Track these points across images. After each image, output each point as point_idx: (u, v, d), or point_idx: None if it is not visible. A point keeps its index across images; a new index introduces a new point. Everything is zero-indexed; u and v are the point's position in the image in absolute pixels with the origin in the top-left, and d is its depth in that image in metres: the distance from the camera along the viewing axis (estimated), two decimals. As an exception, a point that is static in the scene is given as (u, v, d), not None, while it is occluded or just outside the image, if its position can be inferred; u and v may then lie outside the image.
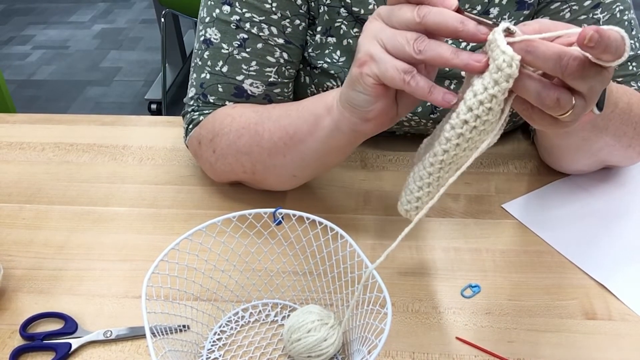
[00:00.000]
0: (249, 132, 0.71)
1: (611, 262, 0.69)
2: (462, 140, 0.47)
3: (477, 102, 0.45)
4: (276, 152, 0.70)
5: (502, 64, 0.43)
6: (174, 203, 0.80)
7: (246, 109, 0.74)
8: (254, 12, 0.73)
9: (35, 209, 0.80)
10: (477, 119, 0.45)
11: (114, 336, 0.62)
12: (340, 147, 0.65)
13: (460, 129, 0.46)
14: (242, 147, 0.72)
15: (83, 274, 0.70)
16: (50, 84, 2.90)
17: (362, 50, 0.53)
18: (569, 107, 0.45)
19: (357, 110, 0.57)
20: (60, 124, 0.98)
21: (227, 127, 0.73)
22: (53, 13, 3.59)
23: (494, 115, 0.45)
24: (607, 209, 0.76)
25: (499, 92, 0.44)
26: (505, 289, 0.66)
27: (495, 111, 0.45)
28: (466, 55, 0.47)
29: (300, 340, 0.57)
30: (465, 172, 0.82)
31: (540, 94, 0.45)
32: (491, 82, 0.44)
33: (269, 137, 0.69)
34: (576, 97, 0.45)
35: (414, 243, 0.72)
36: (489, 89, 0.44)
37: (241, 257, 0.66)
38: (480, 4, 0.74)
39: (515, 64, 0.43)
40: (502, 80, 0.44)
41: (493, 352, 0.59)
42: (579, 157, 0.75)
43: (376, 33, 0.52)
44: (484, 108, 0.45)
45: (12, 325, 0.64)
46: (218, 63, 0.75)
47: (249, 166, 0.74)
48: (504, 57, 0.43)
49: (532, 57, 0.44)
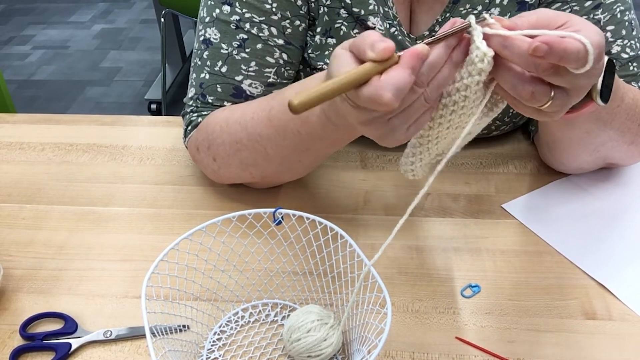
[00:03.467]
0: (247, 148, 0.70)
1: (611, 262, 0.69)
2: (443, 120, 0.51)
3: (454, 89, 0.49)
4: (289, 162, 0.70)
5: (475, 58, 0.46)
6: (174, 203, 0.80)
7: (230, 118, 0.72)
8: (254, 13, 0.73)
9: (35, 209, 0.80)
10: (455, 104, 0.49)
11: (113, 336, 0.62)
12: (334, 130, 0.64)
13: (441, 111, 0.51)
14: (244, 159, 0.72)
15: (83, 274, 0.70)
16: (50, 84, 2.90)
17: (386, 140, 0.52)
18: (545, 99, 0.47)
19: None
20: (60, 124, 0.98)
21: (219, 137, 0.73)
22: (53, 13, 3.59)
23: (470, 102, 0.49)
24: (607, 209, 0.76)
25: (472, 83, 0.48)
26: (505, 289, 0.66)
27: (471, 99, 0.49)
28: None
29: (300, 340, 0.57)
30: (465, 172, 0.83)
31: (516, 86, 0.47)
32: (466, 72, 0.48)
33: (276, 153, 0.69)
34: (556, 90, 0.47)
35: (414, 243, 0.72)
36: (464, 79, 0.48)
37: (241, 257, 0.66)
38: (481, 4, 0.74)
39: (487, 60, 0.46)
40: (474, 73, 0.47)
41: (493, 352, 0.59)
42: (581, 152, 0.74)
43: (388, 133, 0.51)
44: (459, 95, 0.49)
45: (12, 325, 0.64)
46: (217, 63, 0.75)
47: (258, 174, 0.74)
48: (477, 52, 0.46)
49: (508, 52, 0.46)
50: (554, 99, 0.47)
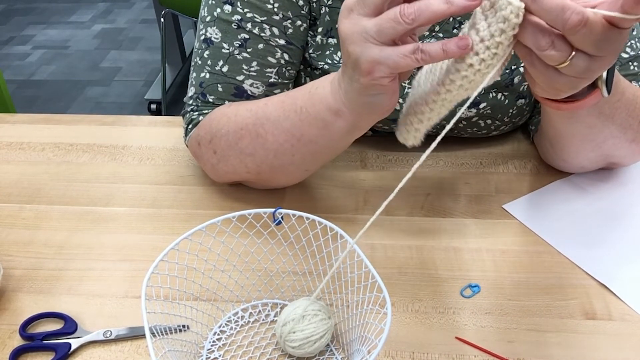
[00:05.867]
0: (249, 133, 0.71)
1: (612, 262, 0.69)
2: (465, 82, 0.49)
3: (483, 47, 0.47)
4: (283, 153, 0.70)
5: (510, 14, 0.45)
6: (174, 203, 0.80)
7: (240, 107, 0.73)
8: (255, 13, 0.73)
9: (35, 209, 0.80)
10: (482, 62, 0.48)
11: (113, 336, 0.62)
12: (358, 135, 0.65)
13: (465, 72, 0.49)
14: (244, 148, 0.72)
15: (83, 274, 0.70)
16: (50, 84, 2.90)
17: (360, 58, 0.52)
18: (565, 54, 0.46)
19: (377, 108, 0.58)
20: (60, 124, 0.98)
21: (224, 127, 0.73)
22: (53, 13, 3.59)
23: (498, 59, 0.48)
24: (608, 209, 0.76)
25: (506, 39, 0.46)
26: (505, 289, 0.66)
27: (499, 55, 0.47)
28: (460, 0, 0.47)
29: (296, 332, 0.57)
30: (465, 172, 0.83)
31: (536, 35, 0.46)
32: (497, 30, 0.46)
33: (273, 139, 0.69)
34: (577, 52, 0.46)
35: (414, 243, 0.72)
36: (495, 37, 0.46)
37: (241, 257, 0.66)
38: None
39: (521, 13, 0.45)
40: (508, 29, 0.46)
41: (493, 352, 0.59)
42: (583, 148, 0.74)
43: (361, 33, 0.51)
44: (489, 53, 0.47)
45: (12, 325, 0.64)
46: (218, 63, 0.75)
47: (253, 167, 0.73)
48: (510, 7, 0.45)
49: (537, 7, 0.44)
50: (573, 60, 0.46)
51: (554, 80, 0.49)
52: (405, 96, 0.79)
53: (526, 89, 0.80)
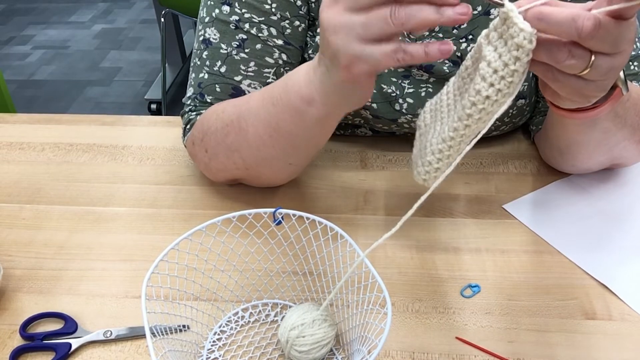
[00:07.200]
0: (234, 129, 0.70)
1: (612, 262, 0.69)
2: (483, 114, 0.48)
3: (498, 78, 0.46)
4: (264, 145, 0.69)
5: (523, 41, 0.44)
6: (174, 203, 0.80)
7: (228, 105, 0.73)
8: (253, 13, 0.73)
9: (35, 209, 0.80)
10: (499, 92, 0.46)
11: (113, 336, 0.62)
12: (333, 125, 0.65)
13: (482, 105, 0.47)
14: (230, 144, 0.72)
15: (83, 274, 0.70)
16: (50, 84, 2.90)
17: (341, 51, 0.50)
18: (585, 61, 0.45)
19: (351, 100, 0.58)
20: (60, 124, 0.98)
21: (213, 125, 0.73)
22: (53, 13, 3.59)
23: (514, 87, 0.47)
24: (608, 209, 0.76)
25: (521, 67, 0.45)
26: (505, 289, 0.66)
27: (515, 83, 0.46)
28: (451, 12, 0.46)
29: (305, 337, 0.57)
30: (465, 172, 0.83)
31: (551, 50, 0.45)
32: (512, 59, 0.45)
33: (254, 131, 0.68)
34: (597, 55, 0.45)
35: (414, 243, 0.72)
36: (509, 65, 0.45)
37: (241, 257, 0.66)
38: (482, 4, 0.74)
39: (534, 38, 0.44)
40: (523, 56, 0.45)
41: (493, 352, 0.59)
42: (596, 153, 0.73)
43: (344, 25, 0.49)
44: (505, 82, 0.46)
45: (12, 325, 0.64)
46: (217, 63, 0.75)
47: (240, 162, 0.73)
48: (523, 34, 0.44)
49: (546, 24, 0.44)
50: (595, 63, 0.46)
51: (581, 88, 0.48)
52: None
53: (526, 89, 0.80)
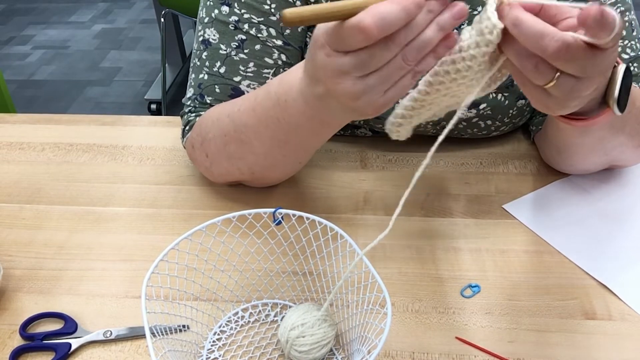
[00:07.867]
0: (234, 140, 0.70)
1: (612, 262, 0.69)
2: (442, 87, 0.49)
3: (459, 58, 0.47)
4: (272, 155, 0.70)
5: (485, 29, 0.45)
6: (174, 203, 0.80)
7: (222, 112, 0.72)
8: (252, 13, 0.73)
9: (35, 209, 0.80)
10: (457, 72, 0.48)
11: (113, 336, 0.62)
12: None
13: (442, 77, 0.49)
14: (233, 153, 0.72)
15: (83, 274, 0.70)
16: (50, 84, 2.90)
17: (353, 100, 0.50)
18: (549, 76, 0.46)
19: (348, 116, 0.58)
20: (60, 124, 0.98)
21: (211, 131, 0.73)
22: (53, 13, 3.59)
23: (473, 72, 0.48)
24: (608, 209, 0.76)
25: (479, 54, 0.46)
26: (505, 289, 0.66)
27: (474, 69, 0.47)
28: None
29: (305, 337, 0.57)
30: (465, 172, 0.83)
31: (520, 56, 0.46)
32: (473, 43, 0.46)
33: (260, 144, 0.68)
34: (562, 73, 0.46)
35: (414, 243, 0.72)
36: (470, 49, 0.46)
37: (241, 257, 0.66)
38: (482, 4, 0.74)
39: (496, 32, 0.45)
40: (482, 44, 0.46)
41: (493, 352, 0.59)
42: (592, 156, 0.74)
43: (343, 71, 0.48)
44: (464, 64, 0.47)
45: (12, 325, 0.64)
46: (216, 64, 0.75)
47: (245, 169, 0.74)
48: (487, 22, 0.45)
49: (517, 31, 0.44)
50: (559, 81, 0.46)
51: (543, 100, 0.49)
52: None
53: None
